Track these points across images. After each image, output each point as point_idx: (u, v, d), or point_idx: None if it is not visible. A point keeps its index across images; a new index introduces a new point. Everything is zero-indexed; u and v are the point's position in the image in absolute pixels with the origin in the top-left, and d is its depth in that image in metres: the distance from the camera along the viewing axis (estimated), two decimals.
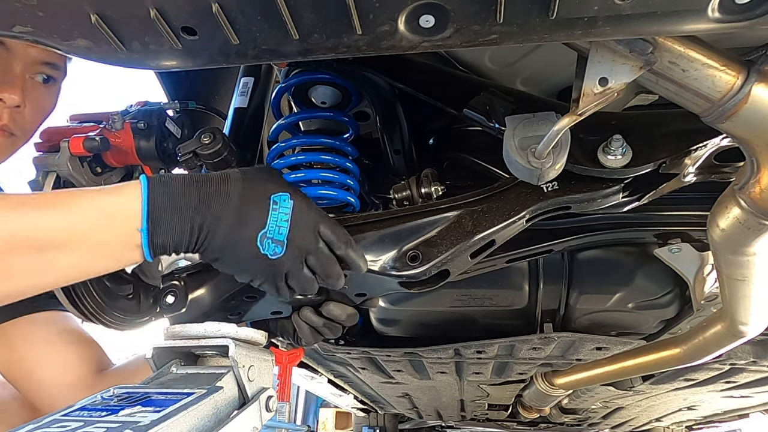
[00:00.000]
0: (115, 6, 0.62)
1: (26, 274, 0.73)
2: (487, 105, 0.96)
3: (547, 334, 1.44)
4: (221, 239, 0.78)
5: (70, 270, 0.76)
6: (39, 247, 0.72)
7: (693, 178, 0.98)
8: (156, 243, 0.76)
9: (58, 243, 0.72)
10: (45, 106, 1.29)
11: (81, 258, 0.75)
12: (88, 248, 0.74)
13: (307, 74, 1.07)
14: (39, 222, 0.72)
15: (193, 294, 0.93)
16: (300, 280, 0.84)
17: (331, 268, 0.86)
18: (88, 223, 0.74)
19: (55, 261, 0.73)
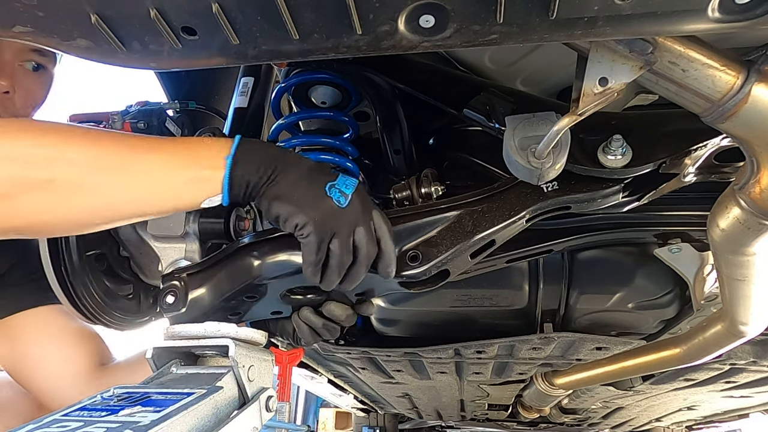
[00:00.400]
0: (115, 6, 0.62)
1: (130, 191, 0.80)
2: (487, 105, 0.96)
3: (547, 334, 1.44)
4: (294, 177, 0.84)
5: (162, 189, 0.81)
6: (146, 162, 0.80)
7: (693, 178, 0.98)
8: (236, 174, 0.82)
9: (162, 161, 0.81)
10: (35, 94, 1.30)
11: (176, 177, 0.81)
12: (184, 169, 0.81)
13: (307, 74, 1.07)
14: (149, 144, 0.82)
15: (193, 294, 0.93)
16: (343, 247, 0.84)
17: (372, 249, 0.86)
18: (190, 149, 0.83)
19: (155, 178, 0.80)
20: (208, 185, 0.82)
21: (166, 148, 0.83)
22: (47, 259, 1.08)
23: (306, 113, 1.13)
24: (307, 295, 1.03)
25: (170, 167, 0.81)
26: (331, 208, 0.83)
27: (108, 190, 0.78)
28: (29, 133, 0.77)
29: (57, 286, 1.11)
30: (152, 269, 1.19)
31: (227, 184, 0.81)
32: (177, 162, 0.82)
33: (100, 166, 0.77)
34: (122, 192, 0.79)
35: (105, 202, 0.79)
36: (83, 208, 0.79)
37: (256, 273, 0.94)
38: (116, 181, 0.78)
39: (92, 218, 0.81)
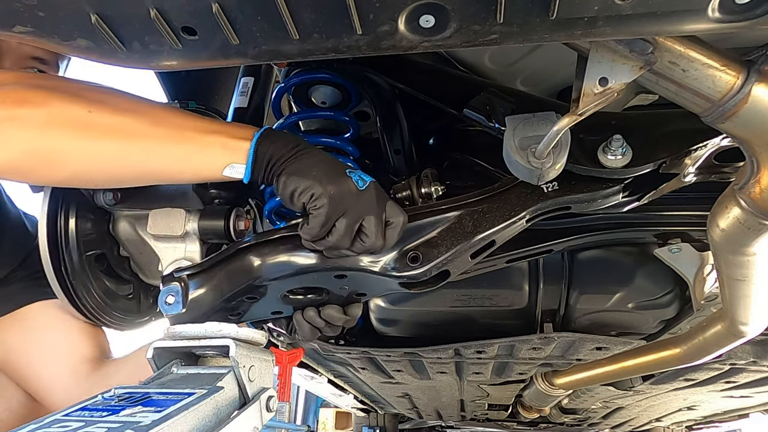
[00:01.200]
0: (115, 6, 0.62)
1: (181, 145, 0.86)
2: (487, 105, 0.96)
3: (547, 334, 1.44)
4: (316, 159, 0.87)
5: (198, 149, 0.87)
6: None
7: (693, 178, 0.98)
8: (260, 149, 0.86)
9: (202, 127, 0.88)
10: None
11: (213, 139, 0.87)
12: (220, 135, 0.87)
13: (307, 74, 1.07)
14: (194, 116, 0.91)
15: (194, 294, 0.93)
16: (346, 230, 0.85)
17: (378, 241, 0.88)
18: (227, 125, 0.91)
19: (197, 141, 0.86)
20: (235, 153, 0.86)
21: (200, 117, 0.90)
22: (47, 259, 1.08)
23: (306, 113, 1.13)
24: (308, 296, 1.03)
25: (203, 131, 0.87)
26: (349, 187, 0.85)
27: (140, 139, 0.84)
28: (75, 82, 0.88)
29: (57, 286, 1.11)
30: (152, 269, 1.19)
31: (252, 154, 0.85)
32: (210, 128, 0.88)
33: (137, 114, 0.85)
34: (152, 142, 0.85)
35: (133, 149, 0.85)
36: (113, 152, 0.84)
37: (257, 274, 0.94)
38: (149, 131, 0.85)
39: (119, 165, 0.86)
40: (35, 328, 1.31)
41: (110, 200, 1.08)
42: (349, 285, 0.99)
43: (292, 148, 0.87)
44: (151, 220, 1.04)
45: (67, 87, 0.86)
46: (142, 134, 0.85)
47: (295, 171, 0.85)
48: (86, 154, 0.84)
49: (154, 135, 0.85)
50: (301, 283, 0.98)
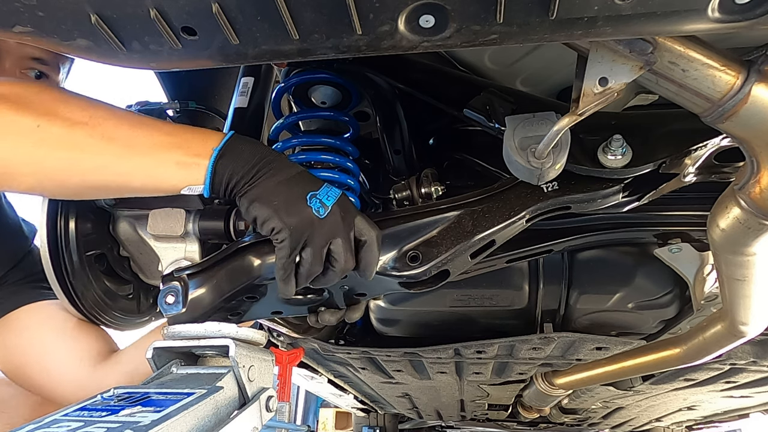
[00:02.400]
0: (115, 6, 0.62)
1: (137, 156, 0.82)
2: (487, 105, 0.96)
3: (547, 334, 1.44)
4: (276, 181, 0.84)
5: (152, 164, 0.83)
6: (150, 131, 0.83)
7: (693, 178, 0.98)
8: (218, 167, 0.82)
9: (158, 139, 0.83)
10: None
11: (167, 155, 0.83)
12: (175, 148, 0.83)
13: (307, 74, 1.07)
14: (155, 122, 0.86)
15: (193, 294, 0.93)
16: (314, 257, 0.84)
17: (348, 261, 0.87)
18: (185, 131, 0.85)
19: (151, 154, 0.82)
20: (191, 172, 0.83)
21: (159, 128, 0.85)
22: (47, 259, 1.08)
23: (306, 113, 1.13)
24: (308, 295, 1.03)
25: (158, 146, 0.82)
26: (309, 217, 0.83)
27: (90, 152, 0.80)
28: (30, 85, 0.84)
29: (57, 286, 1.11)
30: (152, 269, 1.19)
31: (210, 174, 0.82)
32: (166, 142, 0.83)
33: (88, 126, 0.80)
34: (103, 156, 0.81)
35: (85, 162, 0.81)
36: (63, 164, 0.80)
37: (257, 273, 0.94)
38: (101, 144, 0.80)
39: (71, 178, 0.82)
40: (31, 329, 1.30)
41: (110, 201, 1.08)
42: (348, 285, 0.99)
43: (253, 167, 0.83)
44: (151, 221, 1.03)
45: (21, 95, 0.82)
46: (92, 150, 0.81)
47: (254, 197, 0.83)
48: (34, 167, 0.80)
49: (104, 151, 0.81)
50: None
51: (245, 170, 0.83)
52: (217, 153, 0.82)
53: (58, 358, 1.27)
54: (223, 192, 0.84)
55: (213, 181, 0.82)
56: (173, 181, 0.83)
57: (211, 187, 0.83)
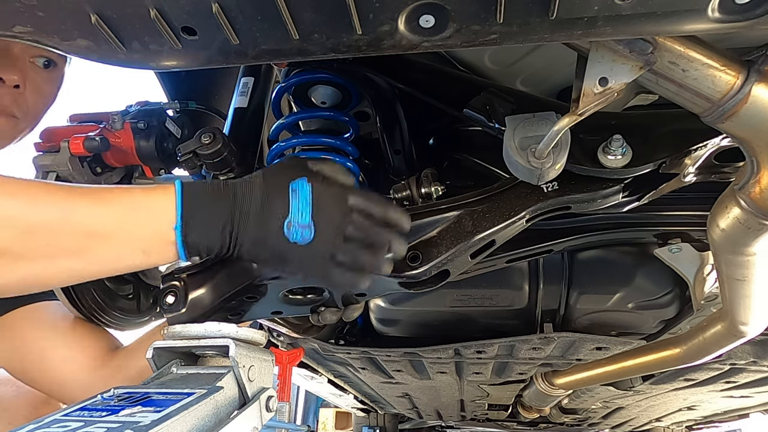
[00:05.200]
0: (115, 6, 0.62)
1: (68, 260, 0.73)
2: (487, 105, 0.96)
3: (547, 334, 1.44)
4: (252, 236, 0.78)
5: (108, 261, 0.76)
6: (86, 234, 0.73)
7: (693, 178, 0.98)
8: (189, 242, 0.77)
9: (104, 233, 0.74)
10: (46, 91, 1.28)
11: (121, 249, 0.75)
12: (130, 240, 0.75)
13: (307, 74, 1.07)
14: (88, 210, 0.74)
15: (193, 294, 0.93)
16: (349, 259, 0.79)
17: (375, 234, 0.81)
18: (131, 216, 0.76)
19: (96, 250, 0.74)
20: (160, 256, 0.77)
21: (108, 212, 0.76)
22: None
23: (306, 113, 1.13)
24: (307, 295, 1.03)
25: (117, 236, 0.75)
26: (305, 251, 0.78)
27: (44, 259, 0.72)
28: None
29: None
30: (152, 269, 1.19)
31: (183, 255, 0.77)
32: (122, 232, 0.75)
33: (38, 232, 0.71)
34: (64, 256, 0.73)
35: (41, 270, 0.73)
36: (20, 276, 0.72)
37: (257, 273, 0.94)
38: (49, 250, 0.72)
39: (30, 285, 0.76)
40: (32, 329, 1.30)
41: None
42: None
43: (224, 232, 0.77)
44: None
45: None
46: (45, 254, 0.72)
47: (250, 258, 0.80)
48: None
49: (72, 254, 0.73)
50: (300, 282, 0.98)
51: (215, 237, 0.78)
52: (180, 230, 0.76)
53: (58, 358, 1.27)
54: (203, 255, 0.80)
55: (189, 256, 0.79)
56: (149, 263, 0.78)
57: (188, 257, 0.78)
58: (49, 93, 1.30)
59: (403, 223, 0.86)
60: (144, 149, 1.27)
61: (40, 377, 1.31)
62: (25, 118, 1.26)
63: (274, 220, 0.78)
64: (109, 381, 1.23)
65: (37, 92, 1.26)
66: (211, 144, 1.02)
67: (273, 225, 0.78)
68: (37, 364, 1.30)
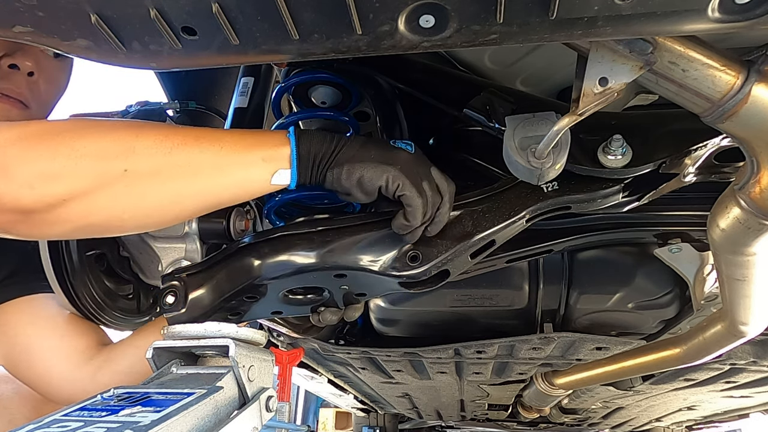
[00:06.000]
0: (115, 6, 0.62)
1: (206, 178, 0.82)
2: (487, 105, 0.96)
3: (547, 334, 1.44)
4: (359, 144, 0.86)
5: (237, 173, 0.83)
6: (218, 149, 0.82)
7: (693, 178, 0.98)
8: (302, 148, 0.84)
9: (231, 144, 0.83)
10: (58, 81, 1.27)
11: (246, 158, 0.83)
12: (253, 149, 0.84)
13: (307, 74, 1.07)
14: (215, 133, 0.84)
15: (193, 294, 0.93)
16: (432, 188, 0.87)
17: (450, 184, 0.90)
18: (250, 135, 0.86)
19: (227, 162, 0.82)
20: (277, 163, 0.84)
21: (230, 134, 0.86)
22: (47, 259, 1.08)
23: (306, 113, 1.13)
24: (307, 295, 1.03)
25: (237, 149, 0.83)
26: (408, 156, 0.86)
27: (182, 178, 0.80)
28: (98, 128, 0.80)
29: (57, 286, 1.11)
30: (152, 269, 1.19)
31: (295, 157, 0.83)
32: (243, 143, 0.84)
33: (172, 155, 0.79)
34: (195, 178, 0.81)
35: (180, 190, 0.81)
36: (160, 198, 0.80)
37: (257, 273, 0.94)
38: (189, 168, 0.80)
39: (170, 209, 0.82)
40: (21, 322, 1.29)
41: None
42: (348, 285, 0.99)
43: (330, 140, 0.86)
44: None
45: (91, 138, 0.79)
46: (184, 177, 0.81)
47: (348, 159, 0.85)
48: (133, 211, 0.80)
49: (196, 174, 0.81)
50: (300, 282, 0.98)
51: (326, 144, 0.85)
52: (294, 138, 0.84)
53: (44, 350, 1.26)
54: (310, 170, 0.85)
55: (299, 165, 0.84)
56: (264, 178, 0.84)
57: (298, 171, 0.84)
58: (61, 82, 1.29)
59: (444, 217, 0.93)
60: None
61: (26, 369, 1.29)
62: (38, 109, 1.25)
63: (377, 140, 0.90)
64: (95, 376, 1.22)
65: (49, 81, 1.24)
66: None
67: (380, 141, 0.89)
68: (24, 356, 1.28)
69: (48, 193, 0.74)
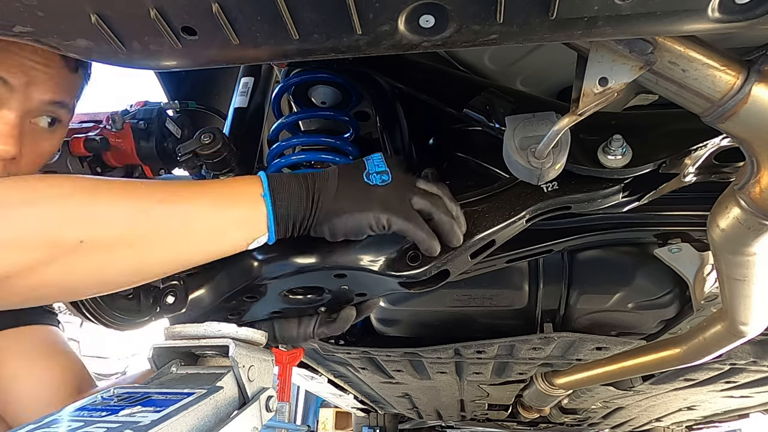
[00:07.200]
0: (115, 6, 0.62)
1: (175, 244, 0.76)
2: (487, 105, 0.96)
3: (547, 334, 1.44)
4: (332, 190, 0.82)
5: (209, 241, 0.79)
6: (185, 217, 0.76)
7: (693, 178, 0.98)
8: (277, 208, 0.79)
9: (202, 215, 0.77)
10: (45, 153, 1.04)
11: (219, 225, 0.78)
12: (225, 218, 0.78)
13: (307, 74, 1.07)
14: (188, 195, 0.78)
15: (193, 294, 0.93)
16: (426, 207, 0.84)
17: (443, 188, 0.88)
18: (222, 197, 0.80)
19: (197, 230, 0.77)
20: (252, 229, 0.79)
21: (198, 189, 0.80)
22: None
23: (306, 113, 1.13)
24: (307, 295, 1.03)
25: (209, 214, 0.77)
26: (384, 191, 0.83)
27: (146, 246, 0.74)
28: (47, 189, 0.72)
29: None
30: None
31: (272, 221, 0.79)
32: (216, 206, 0.78)
33: (136, 220, 0.72)
34: (162, 245, 0.75)
35: (144, 258, 0.74)
36: (121, 268, 0.74)
37: (256, 273, 0.94)
38: (155, 234, 0.74)
39: (132, 277, 0.77)
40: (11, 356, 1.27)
41: None
42: (348, 284, 0.99)
43: (308, 194, 0.81)
44: None
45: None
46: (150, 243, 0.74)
47: (327, 217, 0.81)
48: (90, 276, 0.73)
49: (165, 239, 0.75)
50: (300, 282, 0.98)
51: (303, 203, 0.81)
52: (269, 198, 0.79)
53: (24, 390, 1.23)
54: (288, 232, 0.82)
55: (277, 229, 0.80)
56: (240, 243, 0.80)
57: (275, 234, 0.80)
58: (48, 153, 1.06)
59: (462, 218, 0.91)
60: (144, 149, 1.27)
61: (5, 405, 1.28)
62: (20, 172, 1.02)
63: (354, 174, 0.85)
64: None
65: (34, 157, 1.02)
66: (211, 144, 1.02)
67: (353, 176, 0.84)
68: (5, 392, 1.27)
69: None
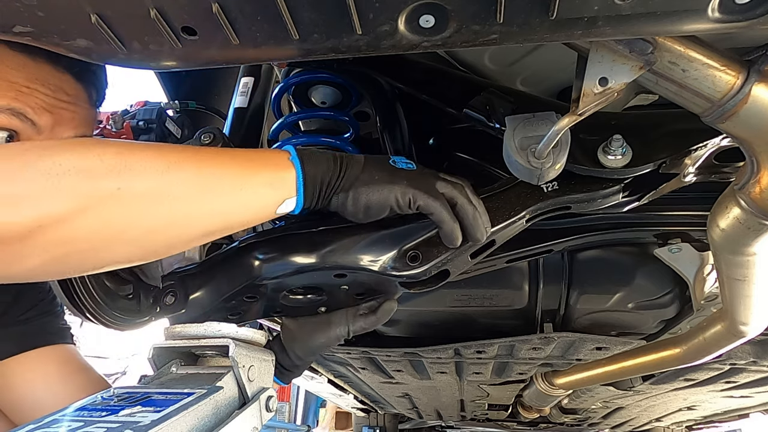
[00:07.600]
0: (114, 6, 0.62)
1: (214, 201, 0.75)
2: (487, 105, 0.96)
3: (547, 334, 1.44)
4: (362, 163, 0.84)
5: (244, 198, 0.77)
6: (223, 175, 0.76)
7: (693, 178, 0.98)
8: (306, 170, 0.79)
9: (237, 172, 0.77)
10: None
11: (253, 182, 0.77)
12: (258, 175, 0.78)
13: (307, 74, 1.07)
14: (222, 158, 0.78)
15: (193, 294, 0.93)
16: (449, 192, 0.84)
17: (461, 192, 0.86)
18: (255, 159, 0.80)
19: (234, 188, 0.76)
20: (283, 189, 0.78)
21: (230, 153, 0.80)
22: None
23: (306, 113, 1.13)
24: (307, 295, 1.03)
25: (244, 176, 0.77)
26: (411, 173, 0.85)
27: (177, 201, 0.72)
28: (82, 143, 0.72)
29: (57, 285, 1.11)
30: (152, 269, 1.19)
31: (301, 183, 0.79)
32: (246, 166, 0.78)
33: (170, 173, 0.72)
34: (191, 201, 0.73)
35: (175, 213, 0.72)
36: (156, 222, 0.72)
37: (256, 273, 0.94)
38: (190, 188, 0.73)
39: (163, 235, 0.74)
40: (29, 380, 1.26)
41: None
42: (348, 284, 0.99)
43: (334, 163, 0.82)
44: None
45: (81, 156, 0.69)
46: (183, 200, 0.73)
47: (352, 185, 0.81)
48: (124, 236, 0.70)
49: (197, 198, 0.73)
50: (300, 282, 0.98)
51: (331, 169, 0.81)
52: (298, 162, 0.79)
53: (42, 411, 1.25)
54: (315, 197, 0.81)
55: (305, 192, 0.79)
56: (269, 205, 0.78)
57: (304, 198, 0.80)
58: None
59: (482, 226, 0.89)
60: None
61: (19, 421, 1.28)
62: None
63: (379, 158, 0.86)
64: None
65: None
66: (211, 144, 1.02)
67: (380, 160, 0.86)
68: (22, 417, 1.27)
69: (14, 220, 0.62)
